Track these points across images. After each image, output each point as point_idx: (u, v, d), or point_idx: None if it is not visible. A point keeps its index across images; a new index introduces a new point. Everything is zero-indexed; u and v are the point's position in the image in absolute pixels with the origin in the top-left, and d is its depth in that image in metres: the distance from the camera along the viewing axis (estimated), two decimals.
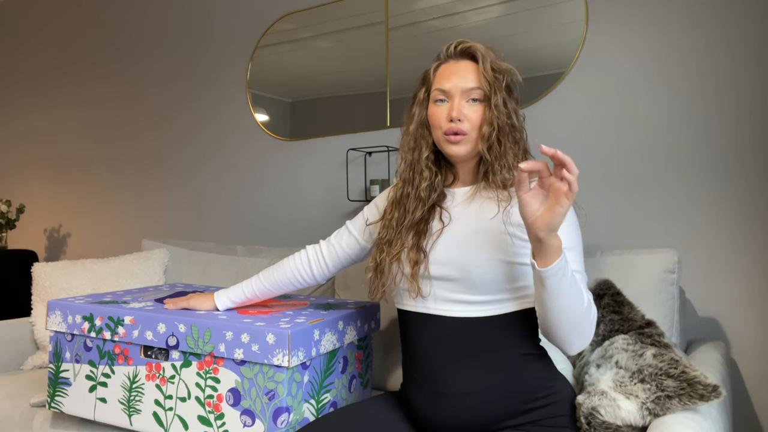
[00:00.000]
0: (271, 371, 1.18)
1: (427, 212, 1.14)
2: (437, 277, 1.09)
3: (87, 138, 3.05)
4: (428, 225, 1.13)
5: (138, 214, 2.83)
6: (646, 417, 1.05)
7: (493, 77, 1.08)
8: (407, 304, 1.15)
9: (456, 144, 1.10)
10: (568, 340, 1.00)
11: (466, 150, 1.11)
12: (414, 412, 1.13)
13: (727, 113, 1.60)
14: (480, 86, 1.09)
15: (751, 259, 1.57)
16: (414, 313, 1.13)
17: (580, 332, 0.99)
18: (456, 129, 1.09)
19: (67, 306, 1.42)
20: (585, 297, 0.98)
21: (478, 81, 1.09)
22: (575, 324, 0.98)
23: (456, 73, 1.10)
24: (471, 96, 1.09)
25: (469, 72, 1.10)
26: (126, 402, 1.35)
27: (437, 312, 1.10)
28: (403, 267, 1.13)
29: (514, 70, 1.13)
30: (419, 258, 1.11)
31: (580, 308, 0.97)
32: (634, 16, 1.72)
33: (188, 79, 2.67)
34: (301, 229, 2.34)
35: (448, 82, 1.10)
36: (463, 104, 1.09)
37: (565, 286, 0.94)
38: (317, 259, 1.33)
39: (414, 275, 1.10)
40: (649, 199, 1.69)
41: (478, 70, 1.09)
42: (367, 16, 2.16)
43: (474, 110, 1.09)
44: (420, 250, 1.11)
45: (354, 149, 2.11)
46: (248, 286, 1.35)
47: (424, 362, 1.10)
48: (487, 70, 1.08)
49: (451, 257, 1.08)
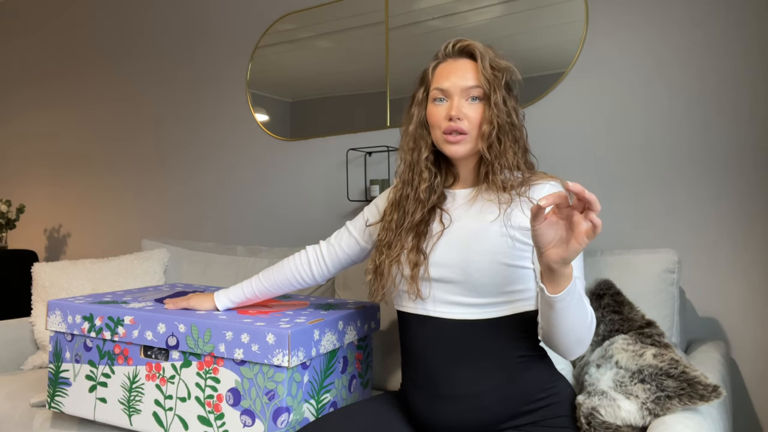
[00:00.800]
0: (271, 371, 1.18)
1: (428, 214, 1.14)
2: (437, 279, 1.09)
3: (87, 138, 3.05)
4: (428, 227, 1.13)
5: (138, 214, 2.83)
6: (646, 417, 1.05)
7: (492, 75, 1.08)
8: (407, 306, 1.14)
9: (455, 144, 1.09)
10: (571, 351, 1.00)
11: (465, 150, 1.10)
12: (414, 413, 1.13)
13: (727, 113, 1.60)
14: (479, 84, 1.08)
15: (751, 259, 1.57)
16: (413, 315, 1.13)
17: (582, 342, 0.99)
18: (455, 128, 1.08)
19: (67, 306, 1.42)
20: (589, 312, 0.98)
21: (477, 79, 1.08)
22: (579, 337, 0.98)
23: (455, 72, 1.10)
24: (470, 94, 1.09)
25: (468, 70, 1.09)
26: (126, 402, 1.35)
27: (437, 314, 1.10)
28: (403, 269, 1.12)
29: (514, 68, 1.12)
30: (419, 260, 1.10)
31: (585, 323, 0.97)
32: (634, 16, 1.72)
33: (188, 79, 2.67)
34: (301, 229, 2.34)
35: (447, 81, 1.10)
36: (463, 103, 1.09)
37: (573, 308, 0.93)
38: (317, 260, 1.32)
39: (413, 277, 1.10)
40: (649, 199, 1.69)
41: (477, 68, 1.08)
42: (367, 16, 2.16)
43: (474, 109, 1.08)
44: (420, 252, 1.11)
45: (354, 149, 2.11)
46: (248, 287, 1.35)
47: (424, 364, 1.10)
48: (486, 68, 1.08)
49: (451, 259, 1.08)
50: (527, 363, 1.08)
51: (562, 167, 1.80)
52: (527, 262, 1.07)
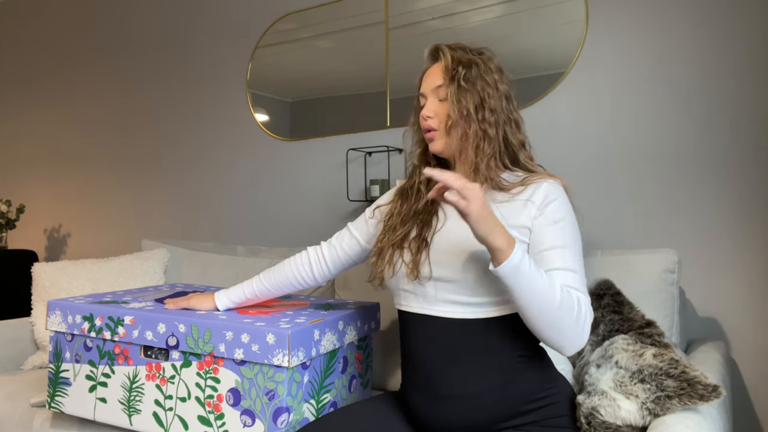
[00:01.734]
0: (271, 371, 1.18)
1: (430, 204, 1.18)
2: (436, 277, 1.10)
3: (88, 138, 3.05)
4: (430, 217, 1.16)
5: (138, 214, 2.83)
6: (646, 417, 1.05)
7: (452, 70, 1.12)
8: (407, 305, 1.15)
9: (431, 141, 1.17)
10: (553, 339, 1.00)
11: (439, 145, 1.16)
12: (413, 413, 1.13)
13: (727, 112, 1.60)
14: (442, 83, 1.13)
15: (751, 258, 1.57)
16: (413, 314, 1.13)
17: (561, 331, 0.98)
18: (426, 126, 1.16)
19: (67, 306, 1.42)
20: (557, 295, 0.97)
21: (442, 78, 1.14)
22: (550, 322, 0.97)
23: (429, 76, 1.18)
24: (438, 95, 1.15)
25: (438, 72, 1.15)
26: (126, 402, 1.35)
27: (436, 313, 1.10)
28: (404, 254, 1.14)
29: (482, 60, 1.14)
30: (420, 246, 1.12)
31: (551, 306, 0.96)
32: (634, 16, 1.72)
33: (188, 79, 2.67)
34: (301, 229, 2.34)
35: (423, 85, 1.19)
36: (435, 102, 1.15)
37: (524, 286, 0.95)
38: (318, 260, 1.33)
39: (414, 262, 1.11)
40: (649, 198, 1.69)
41: (442, 66, 1.15)
42: (367, 16, 2.16)
43: (442, 107, 1.14)
44: (422, 239, 1.13)
45: (354, 149, 2.11)
46: (249, 287, 1.35)
47: (424, 364, 1.10)
48: (447, 65, 1.13)
49: (451, 258, 1.08)
50: (527, 362, 1.08)
51: (562, 167, 1.80)
52: None
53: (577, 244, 1.07)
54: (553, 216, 1.06)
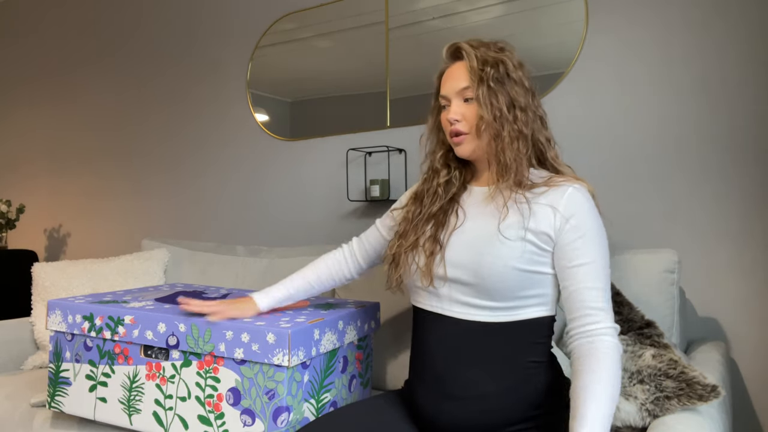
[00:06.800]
0: (271, 371, 1.18)
1: (447, 204, 1.16)
2: (452, 279, 1.09)
3: (88, 138, 3.05)
4: (447, 217, 1.15)
5: (138, 215, 2.84)
6: (645, 418, 1.05)
7: (479, 71, 1.09)
8: (422, 303, 1.15)
9: (459, 145, 1.13)
10: None
11: (469, 149, 1.12)
12: (418, 411, 1.13)
13: (727, 112, 1.60)
14: (469, 85, 1.10)
15: (751, 258, 1.57)
16: (428, 312, 1.13)
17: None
18: (455, 130, 1.12)
19: (67, 306, 1.42)
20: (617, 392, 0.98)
21: (468, 79, 1.10)
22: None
23: (450, 77, 1.13)
24: (464, 96, 1.11)
25: (461, 72, 1.11)
26: (126, 402, 1.35)
27: (451, 314, 1.10)
28: (418, 258, 1.13)
29: (507, 58, 1.11)
30: (435, 249, 1.11)
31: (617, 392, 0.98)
32: (634, 16, 1.72)
33: (188, 79, 2.67)
34: (301, 229, 2.34)
35: (445, 87, 1.14)
36: (460, 105, 1.12)
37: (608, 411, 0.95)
38: (352, 255, 1.37)
39: (428, 265, 1.11)
40: (649, 199, 1.69)
41: (467, 67, 1.11)
42: (367, 16, 2.16)
43: (469, 109, 1.11)
44: (436, 241, 1.12)
45: (354, 149, 2.11)
46: (290, 284, 1.34)
47: (433, 362, 1.10)
48: (473, 66, 1.09)
49: (466, 261, 1.07)
50: (537, 368, 1.07)
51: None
52: (544, 267, 1.06)
53: (603, 255, 1.06)
54: (579, 229, 1.05)
